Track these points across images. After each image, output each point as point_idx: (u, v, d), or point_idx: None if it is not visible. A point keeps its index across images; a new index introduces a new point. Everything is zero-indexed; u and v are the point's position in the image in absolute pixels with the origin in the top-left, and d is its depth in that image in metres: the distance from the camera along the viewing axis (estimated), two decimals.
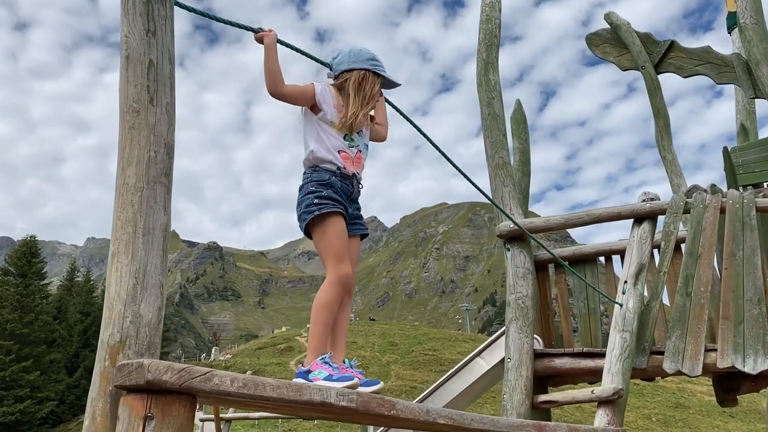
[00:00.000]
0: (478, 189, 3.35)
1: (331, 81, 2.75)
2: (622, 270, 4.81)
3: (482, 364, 5.25)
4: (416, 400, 5.63)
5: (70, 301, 55.87)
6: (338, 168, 2.57)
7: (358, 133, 2.67)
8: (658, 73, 6.06)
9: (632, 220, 4.97)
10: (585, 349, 4.86)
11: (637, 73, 6.33)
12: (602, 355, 4.60)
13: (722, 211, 4.85)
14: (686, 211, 4.93)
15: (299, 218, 2.58)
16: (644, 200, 4.97)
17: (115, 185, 1.75)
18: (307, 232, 2.57)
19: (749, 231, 4.67)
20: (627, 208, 4.95)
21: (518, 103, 6.51)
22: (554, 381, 5.34)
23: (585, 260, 5.70)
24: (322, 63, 2.75)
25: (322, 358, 2.33)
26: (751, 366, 4.36)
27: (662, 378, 5.32)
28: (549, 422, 3.19)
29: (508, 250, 5.13)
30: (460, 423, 2.46)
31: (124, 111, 1.79)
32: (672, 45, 6.05)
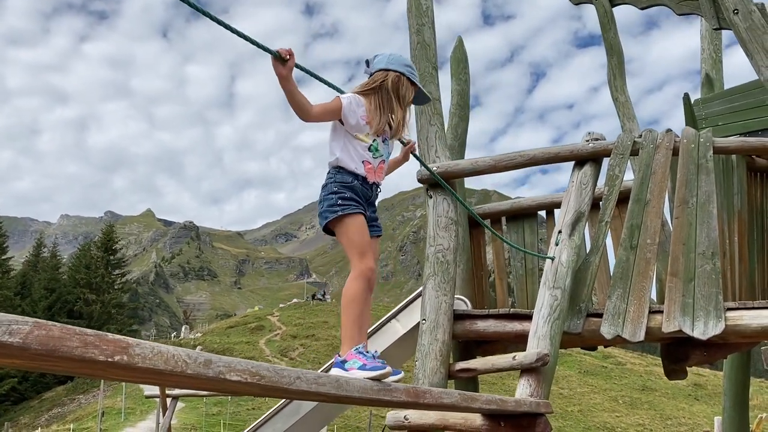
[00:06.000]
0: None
1: (365, 78, 2.80)
2: (557, 218, 4.13)
3: (398, 328, 4.56)
4: (322, 369, 4.94)
5: (35, 277, 54.34)
6: (360, 176, 2.66)
7: (384, 141, 2.71)
8: (613, 6, 5.36)
9: (573, 163, 4.29)
10: (511, 310, 4.18)
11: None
12: (531, 317, 3.93)
13: (675, 152, 4.18)
14: (634, 153, 4.26)
15: (320, 215, 2.67)
16: (587, 140, 4.28)
17: None
18: (327, 229, 2.67)
19: (705, 174, 4.01)
20: (566, 149, 4.26)
21: (459, 40, 5.78)
22: (483, 349, 4.67)
23: (524, 215, 5.04)
24: (334, 88, 2.74)
25: (356, 349, 2.42)
26: (700, 330, 3.72)
27: (605, 347, 4.69)
28: (435, 389, 2.50)
29: (431, 197, 4.42)
30: (271, 381, 1.75)
31: None
32: None
